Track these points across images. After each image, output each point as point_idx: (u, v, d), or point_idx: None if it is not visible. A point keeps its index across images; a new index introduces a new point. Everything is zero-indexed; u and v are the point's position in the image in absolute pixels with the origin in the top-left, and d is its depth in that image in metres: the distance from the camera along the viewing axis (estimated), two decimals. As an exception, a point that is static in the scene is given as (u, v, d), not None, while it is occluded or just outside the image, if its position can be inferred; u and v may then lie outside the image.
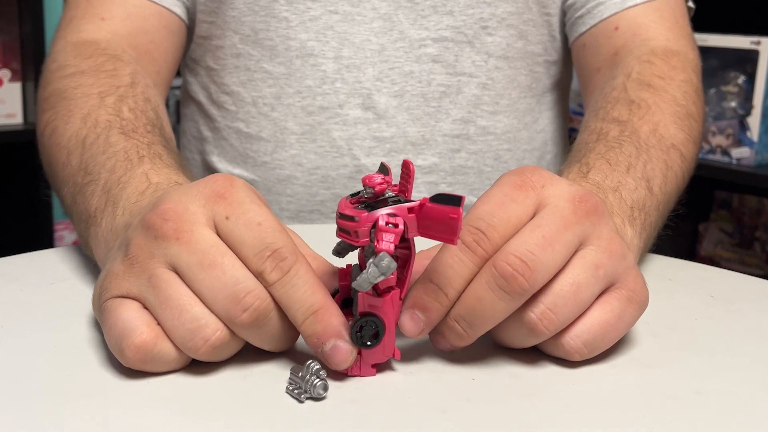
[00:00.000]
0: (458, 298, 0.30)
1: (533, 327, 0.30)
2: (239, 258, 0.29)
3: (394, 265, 0.28)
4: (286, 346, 0.31)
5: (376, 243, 0.28)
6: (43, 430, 0.26)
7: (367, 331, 0.29)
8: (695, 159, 0.51)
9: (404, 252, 0.30)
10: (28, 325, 0.34)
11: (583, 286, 0.30)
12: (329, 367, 0.30)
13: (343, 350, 0.29)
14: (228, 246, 0.30)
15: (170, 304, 0.29)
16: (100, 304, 0.31)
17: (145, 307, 0.30)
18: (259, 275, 0.29)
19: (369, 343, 0.29)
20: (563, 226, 0.30)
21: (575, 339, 0.31)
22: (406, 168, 0.30)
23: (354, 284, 0.28)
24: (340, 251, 0.32)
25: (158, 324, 0.30)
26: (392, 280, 0.30)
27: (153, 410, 0.28)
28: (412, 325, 0.30)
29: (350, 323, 0.30)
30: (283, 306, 0.29)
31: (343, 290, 0.32)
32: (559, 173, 0.42)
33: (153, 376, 0.30)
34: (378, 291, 0.30)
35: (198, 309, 0.29)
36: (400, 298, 0.30)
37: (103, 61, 0.50)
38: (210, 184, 0.31)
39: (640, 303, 0.32)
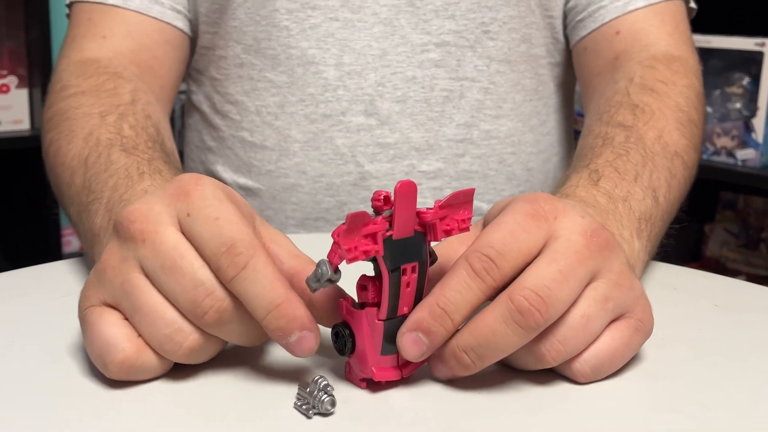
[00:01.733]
0: (462, 324, 0.30)
1: (541, 357, 0.30)
2: (202, 255, 0.29)
3: (328, 274, 0.28)
4: (258, 341, 0.31)
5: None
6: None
7: (340, 339, 0.30)
8: (696, 165, 0.51)
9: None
10: (37, 339, 0.35)
11: (592, 319, 0.30)
12: (294, 355, 0.29)
13: (308, 339, 0.29)
14: (192, 243, 0.30)
15: (144, 310, 0.29)
16: (79, 314, 0.31)
17: (124, 316, 0.30)
18: (217, 272, 0.29)
19: (341, 350, 0.30)
20: (577, 261, 0.30)
21: (583, 364, 0.31)
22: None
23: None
24: None
25: (137, 333, 0.30)
26: (367, 296, 0.30)
27: (157, 424, 0.28)
28: (414, 348, 0.30)
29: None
30: (244, 302, 0.29)
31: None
32: (566, 178, 0.42)
33: (157, 389, 0.30)
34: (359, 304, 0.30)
35: (170, 314, 0.29)
36: (379, 320, 0.30)
37: (104, 80, 0.50)
38: (176, 183, 0.31)
39: (646, 332, 0.32)
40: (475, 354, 0.29)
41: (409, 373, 0.31)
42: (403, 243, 0.29)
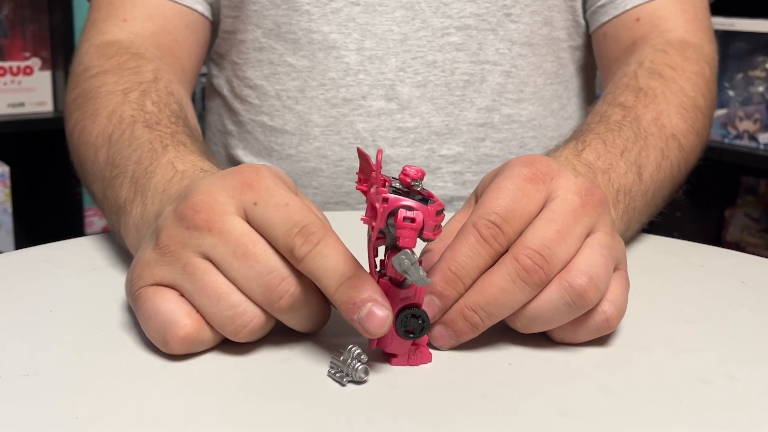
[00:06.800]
0: (470, 287, 0.31)
1: (581, 295, 0.31)
2: (270, 240, 0.30)
3: None
4: (318, 327, 0.32)
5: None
6: (92, 411, 0.27)
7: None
8: (696, 150, 0.51)
9: None
10: (75, 309, 0.35)
11: (608, 260, 0.32)
12: (365, 334, 0.29)
13: (378, 316, 0.29)
14: (258, 231, 0.30)
15: (207, 291, 0.30)
16: (133, 292, 0.31)
17: (181, 294, 0.31)
18: (289, 253, 0.30)
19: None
20: (573, 220, 0.32)
21: (610, 305, 0.32)
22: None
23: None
24: None
25: (196, 310, 0.30)
26: None
27: (197, 393, 0.28)
28: (427, 310, 0.31)
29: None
30: (315, 278, 0.30)
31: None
32: (555, 148, 0.43)
33: (196, 360, 0.31)
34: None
35: (235, 297, 0.30)
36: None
37: (126, 59, 0.51)
38: (237, 175, 0.32)
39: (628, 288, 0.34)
40: (485, 312, 0.31)
41: (372, 347, 0.31)
42: None
